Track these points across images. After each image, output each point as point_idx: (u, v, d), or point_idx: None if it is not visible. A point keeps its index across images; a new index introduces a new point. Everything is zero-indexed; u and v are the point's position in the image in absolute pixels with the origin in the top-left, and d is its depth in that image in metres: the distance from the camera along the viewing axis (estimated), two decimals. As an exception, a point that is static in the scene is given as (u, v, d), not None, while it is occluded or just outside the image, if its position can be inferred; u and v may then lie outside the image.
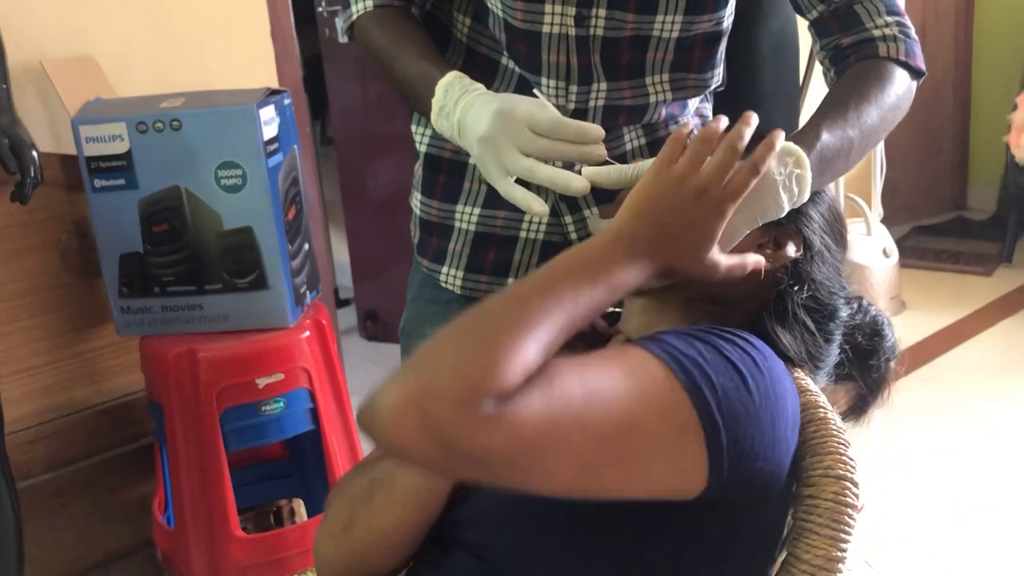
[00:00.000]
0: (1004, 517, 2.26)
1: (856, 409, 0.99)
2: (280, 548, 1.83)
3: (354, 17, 1.16)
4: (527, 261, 1.21)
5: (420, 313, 1.30)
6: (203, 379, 1.73)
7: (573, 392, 0.68)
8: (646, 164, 0.86)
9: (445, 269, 1.24)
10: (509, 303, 0.72)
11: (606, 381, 0.70)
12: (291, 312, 1.82)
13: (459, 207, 1.20)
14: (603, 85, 1.10)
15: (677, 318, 0.88)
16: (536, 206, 0.91)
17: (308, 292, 1.92)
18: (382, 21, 1.13)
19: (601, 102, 1.12)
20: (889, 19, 1.01)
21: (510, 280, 1.23)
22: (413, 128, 1.26)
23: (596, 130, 0.89)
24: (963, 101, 4.51)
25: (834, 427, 0.84)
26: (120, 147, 1.74)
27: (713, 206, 0.79)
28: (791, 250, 0.89)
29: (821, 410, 0.86)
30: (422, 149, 1.24)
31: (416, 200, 1.28)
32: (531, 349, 0.68)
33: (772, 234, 0.89)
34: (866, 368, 0.97)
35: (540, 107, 0.91)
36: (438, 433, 0.64)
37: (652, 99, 1.13)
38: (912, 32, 1.02)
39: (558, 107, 1.12)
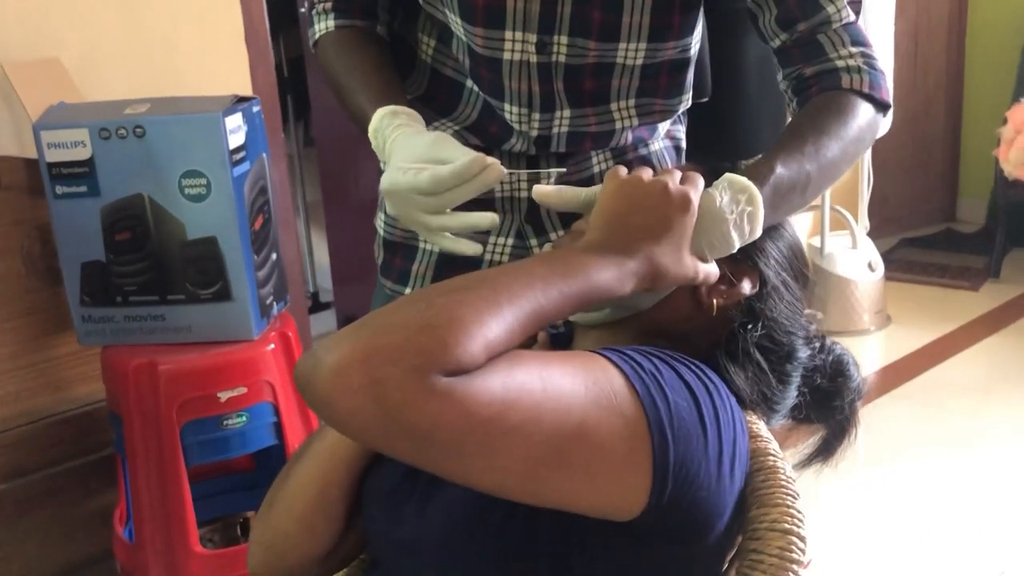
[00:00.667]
0: (976, 535, 2.23)
1: (822, 451, 0.95)
2: (240, 564, 1.80)
3: (316, 36, 1.15)
4: None
5: None
6: (163, 392, 1.70)
7: (533, 383, 0.65)
8: (597, 189, 0.84)
9: (408, 291, 1.22)
10: (477, 281, 0.69)
11: (566, 379, 0.68)
12: (255, 324, 1.78)
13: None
14: (566, 112, 1.08)
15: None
16: (467, 249, 0.90)
17: (275, 303, 1.89)
18: (339, 46, 1.11)
19: (565, 128, 1.09)
20: (853, 50, 0.98)
21: None
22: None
23: (474, 163, 0.84)
24: (954, 111, 4.49)
25: (783, 477, 0.81)
26: (82, 153, 1.71)
27: (679, 202, 0.78)
28: (746, 287, 0.87)
29: (771, 458, 0.83)
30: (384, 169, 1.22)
31: (380, 221, 1.26)
32: (494, 328, 0.64)
33: (727, 270, 0.87)
34: (829, 410, 0.94)
35: (418, 172, 0.87)
36: (383, 396, 0.59)
37: (618, 125, 1.11)
38: (878, 63, 0.99)
39: (521, 133, 1.10)
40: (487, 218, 0.86)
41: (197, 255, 1.74)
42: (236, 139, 1.72)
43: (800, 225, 3.62)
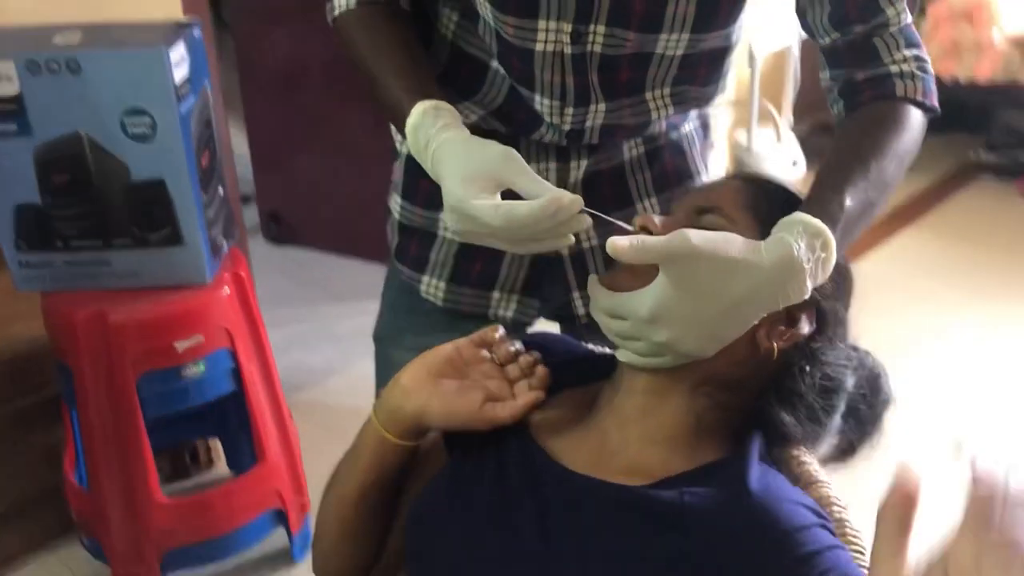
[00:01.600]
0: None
1: (843, 454, 0.92)
2: (204, 511, 1.78)
3: (336, 12, 1.04)
4: (514, 275, 1.15)
5: (398, 323, 1.24)
6: (116, 345, 1.62)
7: None
8: (672, 241, 0.75)
9: (426, 279, 1.17)
10: None
11: None
12: (208, 267, 1.70)
13: (444, 215, 1.12)
14: (601, 106, 1.02)
15: (681, 403, 0.82)
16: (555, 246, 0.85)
17: (224, 241, 1.80)
18: (363, 26, 1.01)
19: (599, 121, 1.04)
20: (908, 53, 0.93)
21: (495, 294, 1.16)
22: (394, 128, 1.15)
23: (550, 205, 0.78)
24: None
25: (850, 530, 0.82)
26: (9, 89, 1.55)
27: None
28: (804, 327, 0.83)
29: (836, 508, 0.83)
30: (403, 151, 1.15)
31: (396, 203, 1.20)
32: None
33: (785, 310, 0.81)
34: (859, 421, 0.91)
35: (495, 209, 0.80)
36: None
37: (653, 115, 1.06)
38: (929, 66, 0.95)
39: (552, 125, 1.04)
40: (567, 241, 0.83)
41: (143, 198, 1.63)
42: (180, 73, 1.58)
43: (723, 118, 3.62)
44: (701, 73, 1.04)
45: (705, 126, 1.20)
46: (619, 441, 0.83)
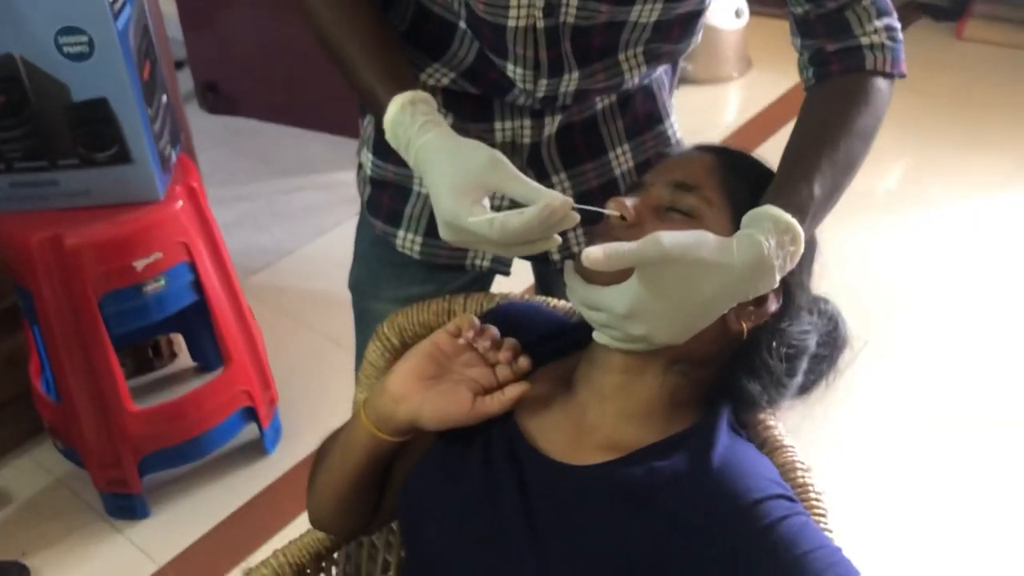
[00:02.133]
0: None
1: (800, 392, 0.96)
2: (176, 417, 1.83)
3: None
4: None
5: (374, 273, 1.24)
6: (75, 269, 1.61)
7: None
8: (645, 247, 0.76)
9: (402, 233, 1.17)
10: None
11: None
12: (160, 183, 1.67)
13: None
14: (575, 74, 1.01)
15: (655, 379, 0.86)
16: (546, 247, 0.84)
17: (172, 151, 1.77)
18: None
19: (573, 87, 1.02)
20: (879, 24, 0.93)
21: None
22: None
23: (545, 212, 0.79)
24: None
25: (813, 494, 0.87)
26: (-72, 9, 1.47)
27: None
28: (772, 305, 0.86)
29: (800, 471, 0.89)
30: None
31: (366, 158, 1.17)
32: None
33: None
34: (819, 371, 0.96)
35: (489, 223, 0.80)
36: None
37: (627, 75, 1.05)
38: (899, 33, 0.95)
39: (526, 93, 1.03)
40: (555, 243, 0.83)
41: (86, 118, 1.58)
42: (113, -15, 1.51)
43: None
44: (675, 33, 1.03)
45: (675, 64, 1.19)
46: (597, 416, 0.88)
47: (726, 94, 3.55)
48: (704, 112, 3.43)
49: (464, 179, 0.83)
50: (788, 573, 0.75)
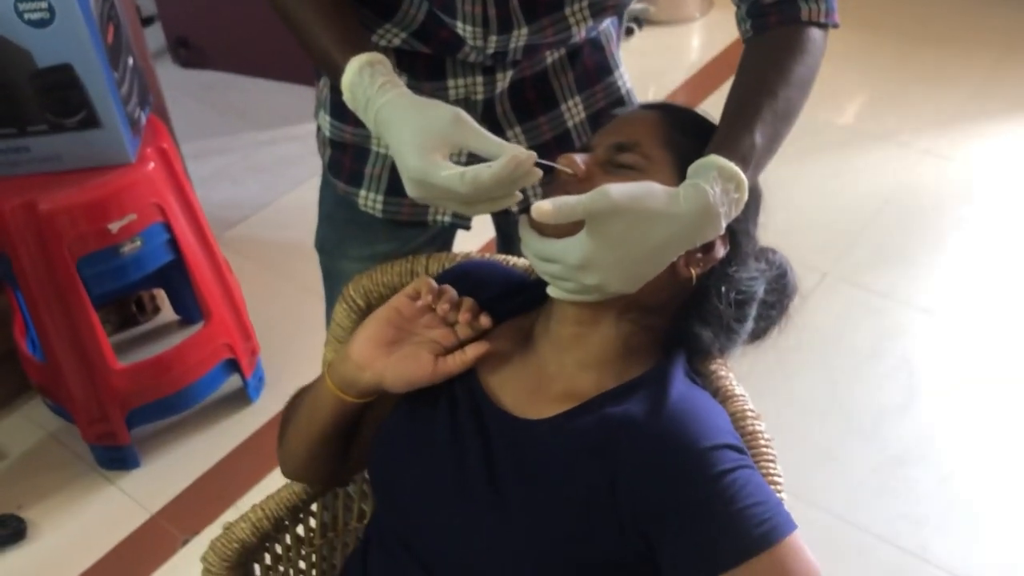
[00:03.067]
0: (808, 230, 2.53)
1: (752, 338, 1.00)
2: (160, 372, 1.89)
3: None
4: None
5: (339, 233, 1.27)
6: (51, 233, 1.65)
7: None
8: (594, 199, 0.79)
9: (363, 192, 1.20)
10: None
11: None
12: (130, 145, 1.71)
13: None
14: (524, 30, 1.03)
15: (609, 329, 0.90)
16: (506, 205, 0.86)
17: (141, 113, 1.79)
18: None
19: (522, 42, 1.05)
20: None
21: None
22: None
23: (511, 167, 0.81)
24: None
25: (763, 441, 0.91)
26: None
27: None
28: (720, 252, 0.89)
29: (751, 421, 0.93)
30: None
31: (324, 120, 1.20)
32: None
33: None
34: (767, 315, 1.00)
35: (461, 176, 0.81)
36: None
37: (574, 30, 1.07)
38: None
39: (477, 50, 1.05)
40: (515, 199, 0.85)
41: (52, 84, 1.60)
42: (70, -50, 1.52)
43: None
44: None
45: (620, 16, 1.21)
46: (556, 368, 0.92)
47: (688, 34, 3.55)
48: (667, 53, 3.44)
49: (429, 137, 0.84)
50: (725, 526, 0.78)
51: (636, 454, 0.82)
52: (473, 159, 0.85)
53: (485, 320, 0.94)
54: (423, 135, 0.85)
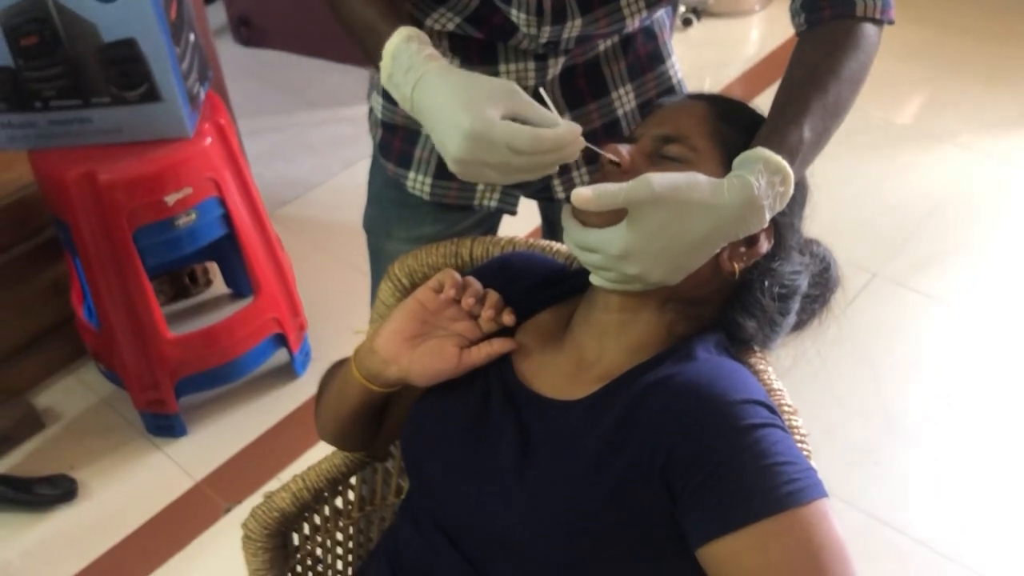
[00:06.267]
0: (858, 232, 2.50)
1: (793, 329, 0.99)
2: (210, 344, 1.93)
3: None
4: None
5: (387, 214, 1.29)
6: (110, 204, 1.69)
7: None
8: (636, 188, 0.80)
9: (412, 175, 1.21)
10: None
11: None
12: (189, 120, 1.74)
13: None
14: (578, 21, 1.04)
15: (652, 317, 0.90)
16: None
17: (200, 89, 1.83)
18: None
19: (576, 32, 1.06)
20: None
21: (480, 186, 1.19)
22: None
23: (572, 134, 0.84)
24: None
25: (799, 436, 0.89)
26: (-34, -46, 1.53)
27: None
28: (764, 246, 0.88)
29: (787, 416, 0.90)
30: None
31: (376, 102, 1.22)
32: None
33: None
34: (810, 308, 1.00)
35: (516, 129, 0.82)
36: None
37: (627, 20, 1.07)
38: None
39: (530, 37, 1.05)
40: (553, 170, 0.86)
41: (116, 58, 1.65)
42: (138, -73, 1.56)
43: None
44: None
45: (674, 5, 1.21)
46: (596, 352, 0.92)
47: (747, 27, 3.52)
48: (724, 45, 3.41)
49: (481, 95, 0.84)
50: (752, 479, 0.75)
51: (667, 407, 0.81)
52: None
53: (508, 317, 0.94)
54: (477, 95, 0.84)
